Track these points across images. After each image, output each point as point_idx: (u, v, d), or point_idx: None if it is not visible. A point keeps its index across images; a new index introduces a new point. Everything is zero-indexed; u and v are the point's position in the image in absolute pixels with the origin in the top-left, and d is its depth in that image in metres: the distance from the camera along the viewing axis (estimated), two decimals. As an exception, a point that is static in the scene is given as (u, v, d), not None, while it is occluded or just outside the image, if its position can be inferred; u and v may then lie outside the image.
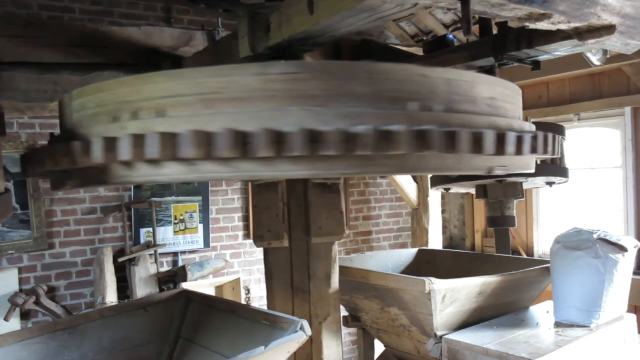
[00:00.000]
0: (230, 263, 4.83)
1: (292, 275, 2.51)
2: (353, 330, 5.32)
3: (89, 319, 2.57)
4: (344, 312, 3.16)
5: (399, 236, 6.01)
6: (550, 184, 3.86)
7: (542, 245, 5.46)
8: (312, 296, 2.47)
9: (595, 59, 3.35)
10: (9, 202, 1.96)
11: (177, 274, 4.36)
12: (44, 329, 2.45)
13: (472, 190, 4.24)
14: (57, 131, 1.75)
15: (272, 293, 2.55)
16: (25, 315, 4.04)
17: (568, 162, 3.78)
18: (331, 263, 2.49)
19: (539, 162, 3.19)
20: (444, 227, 6.01)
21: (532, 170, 2.20)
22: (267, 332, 2.20)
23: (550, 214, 5.49)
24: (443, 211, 5.93)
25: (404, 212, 6.03)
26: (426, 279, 2.52)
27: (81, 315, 2.63)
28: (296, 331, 2.07)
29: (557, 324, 2.78)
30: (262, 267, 5.05)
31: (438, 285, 2.54)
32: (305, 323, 2.07)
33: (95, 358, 2.51)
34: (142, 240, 4.45)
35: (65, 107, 1.60)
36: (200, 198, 4.70)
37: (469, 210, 6.10)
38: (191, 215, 4.66)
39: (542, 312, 3.03)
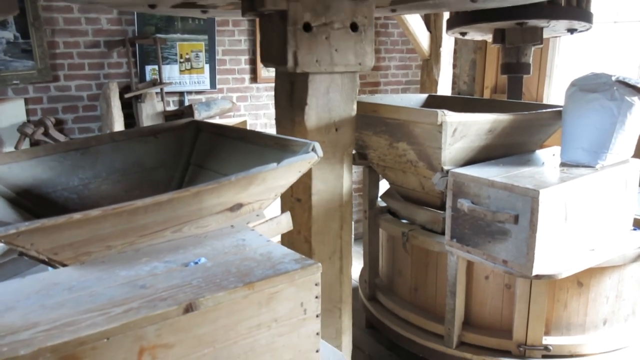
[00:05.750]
0: (237, 106, 4.79)
1: (289, 103, 2.48)
2: (356, 178, 5.45)
3: (100, 141, 2.59)
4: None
5: (407, 89, 5.93)
6: (571, 31, 3.69)
7: (552, 103, 5.39)
8: (295, 127, 2.44)
9: None
10: (12, -2, 1.86)
11: (184, 113, 4.34)
12: (58, 147, 2.47)
13: (489, 38, 4.09)
14: None
15: (277, 119, 2.57)
16: (34, 146, 4.08)
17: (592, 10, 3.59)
18: (308, 95, 2.36)
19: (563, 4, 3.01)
20: (454, 82, 5.89)
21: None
22: (278, 155, 2.20)
23: (564, 71, 5.35)
24: (454, 66, 5.78)
25: (413, 64, 5.88)
26: (439, 111, 2.49)
27: (92, 137, 2.63)
28: (308, 152, 2.08)
29: (563, 164, 2.81)
30: (268, 112, 5.05)
31: (450, 118, 2.53)
32: (317, 145, 2.06)
33: (108, 178, 2.56)
34: (147, 78, 4.37)
35: None
36: (206, 37, 4.53)
37: (480, 65, 5.93)
38: (197, 54, 4.53)
39: (548, 154, 3.05)
